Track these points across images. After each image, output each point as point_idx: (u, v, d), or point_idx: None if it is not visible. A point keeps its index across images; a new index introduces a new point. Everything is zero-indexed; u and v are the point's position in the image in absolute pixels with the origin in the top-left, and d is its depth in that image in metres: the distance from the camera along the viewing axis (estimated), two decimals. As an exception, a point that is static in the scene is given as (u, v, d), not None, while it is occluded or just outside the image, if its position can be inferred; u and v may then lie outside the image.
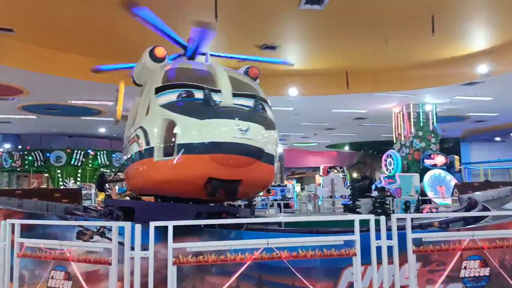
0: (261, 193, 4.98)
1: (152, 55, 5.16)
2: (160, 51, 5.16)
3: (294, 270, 3.87)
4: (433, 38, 9.11)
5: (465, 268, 4.30)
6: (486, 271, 4.36)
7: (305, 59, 11.87)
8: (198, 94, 4.42)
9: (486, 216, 5.22)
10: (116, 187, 20.89)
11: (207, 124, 4.06)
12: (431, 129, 15.45)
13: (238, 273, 3.78)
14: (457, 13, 8.90)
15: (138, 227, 3.64)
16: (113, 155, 20.34)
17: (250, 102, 4.49)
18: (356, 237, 3.82)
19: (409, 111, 15.23)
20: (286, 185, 23.06)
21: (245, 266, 3.76)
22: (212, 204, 4.98)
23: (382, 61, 11.74)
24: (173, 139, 4.21)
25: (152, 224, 3.66)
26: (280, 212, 13.19)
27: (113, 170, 21.63)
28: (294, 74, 12.67)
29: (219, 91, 4.46)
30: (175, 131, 4.21)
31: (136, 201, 5.56)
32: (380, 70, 12.49)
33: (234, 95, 4.47)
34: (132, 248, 3.61)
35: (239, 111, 4.23)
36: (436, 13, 8.61)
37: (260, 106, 4.61)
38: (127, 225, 3.68)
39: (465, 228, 4.41)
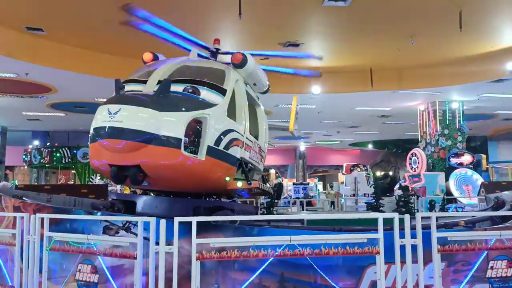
0: (240, 184, 4.85)
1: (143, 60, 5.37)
2: (146, 56, 5.42)
3: (316, 267, 3.87)
4: (460, 34, 8.88)
5: (491, 268, 4.20)
6: (514, 272, 4.25)
7: (329, 57, 11.76)
8: (128, 87, 4.50)
9: None
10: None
11: (96, 112, 4.19)
12: (457, 127, 15.08)
13: (261, 269, 3.80)
14: (485, 8, 8.65)
15: (162, 222, 3.71)
16: (138, 152, 20.66)
17: (177, 88, 4.36)
18: (380, 235, 3.79)
19: (434, 109, 14.91)
20: (308, 183, 22.96)
21: (267, 263, 3.79)
22: (208, 199, 5.25)
23: (407, 58, 11.52)
24: None
25: (177, 220, 3.71)
26: (302, 210, 13.17)
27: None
28: (317, 71, 12.58)
29: (145, 81, 4.48)
30: None
31: (138, 195, 5.57)
32: (405, 67, 12.27)
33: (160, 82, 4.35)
34: (157, 243, 3.67)
35: (123, 97, 4.14)
36: (463, 9, 8.39)
37: (182, 90, 4.39)
38: (152, 220, 3.74)
39: (492, 228, 4.29)
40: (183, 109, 4.17)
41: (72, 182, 21.58)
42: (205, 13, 8.72)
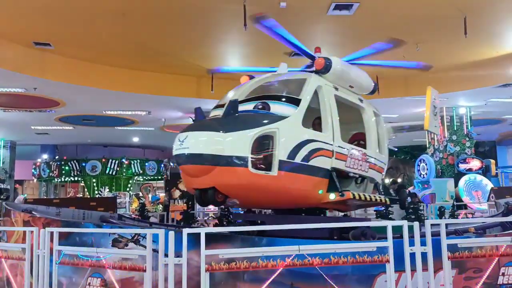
0: (333, 197, 4.53)
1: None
2: (242, 80, 5.33)
3: (326, 277, 3.83)
4: (465, 40, 8.86)
5: (503, 274, 4.14)
6: (525, 278, 4.19)
7: (335, 65, 11.79)
8: (212, 113, 4.70)
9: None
10: (150, 195, 21.31)
11: None
12: (465, 133, 14.95)
13: (270, 280, 3.78)
14: (489, 14, 8.64)
15: (171, 234, 3.69)
16: (147, 164, 20.77)
17: (248, 106, 4.39)
18: (389, 243, 3.75)
19: (442, 115, 14.80)
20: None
21: (277, 273, 3.76)
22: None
23: (413, 65, 11.52)
24: None
25: (185, 231, 3.71)
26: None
27: (146, 178, 22.14)
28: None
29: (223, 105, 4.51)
30: None
31: (266, 215, 5.48)
32: (412, 73, 12.23)
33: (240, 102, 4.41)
34: (166, 255, 3.66)
35: (191, 124, 4.33)
36: (468, 15, 8.38)
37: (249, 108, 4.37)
38: (161, 232, 3.73)
39: (503, 234, 4.23)
40: (248, 127, 4.08)
41: (81, 195, 21.69)
42: (211, 24, 8.80)
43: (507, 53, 10.72)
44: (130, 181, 20.90)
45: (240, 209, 5.83)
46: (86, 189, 20.87)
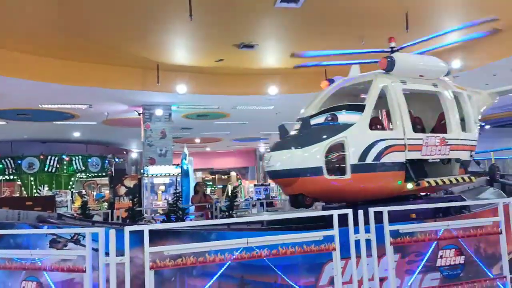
0: (410, 186, 5.00)
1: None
2: (322, 85, 5.88)
3: (275, 268, 3.85)
4: (407, 34, 9.21)
5: (441, 257, 4.37)
6: (461, 259, 4.45)
7: (284, 58, 11.84)
8: (295, 126, 5.29)
9: (463, 207, 5.30)
10: (94, 193, 20.51)
11: None
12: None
13: (218, 274, 3.73)
14: (429, 9, 9.00)
15: (112, 232, 3.56)
16: (89, 160, 19.86)
17: (319, 119, 5.03)
18: (335, 231, 3.83)
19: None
20: (269, 184, 23.10)
21: (225, 267, 3.73)
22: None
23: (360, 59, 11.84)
24: None
25: (127, 229, 3.58)
26: (263, 210, 13.18)
27: (90, 175, 21.25)
28: (273, 72, 12.66)
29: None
30: None
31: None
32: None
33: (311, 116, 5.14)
34: (107, 254, 3.51)
35: (274, 144, 5.11)
36: (409, 10, 8.70)
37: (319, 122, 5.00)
38: (100, 230, 3.59)
39: (441, 219, 4.46)
40: (319, 140, 4.66)
41: (18, 195, 20.40)
42: (155, 14, 8.50)
43: (446, 48, 11.27)
44: (72, 179, 19.88)
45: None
46: (23, 188, 19.64)
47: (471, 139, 5.74)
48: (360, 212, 3.91)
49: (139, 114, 13.94)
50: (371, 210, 3.97)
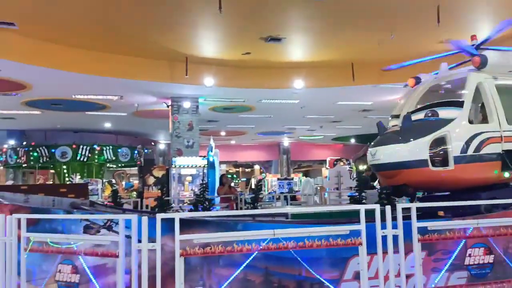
0: (507, 175, 5.39)
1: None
2: (410, 83, 6.28)
3: (300, 260, 3.89)
4: (438, 28, 9.00)
5: (469, 256, 4.32)
6: (490, 259, 4.37)
7: (311, 51, 11.79)
8: (391, 123, 5.93)
9: (493, 205, 5.19)
10: (123, 182, 21.00)
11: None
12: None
13: (245, 264, 3.80)
14: (461, 3, 8.78)
15: (144, 219, 3.66)
16: (119, 150, 20.27)
17: (419, 115, 5.41)
18: (362, 226, 3.83)
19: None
20: (292, 178, 23.06)
21: (252, 257, 3.78)
22: None
23: (388, 52, 11.59)
24: None
25: (159, 216, 3.69)
26: (287, 204, 13.22)
27: (119, 165, 21.75)
28: (299, 66, 12.61)
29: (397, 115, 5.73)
30: None
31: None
32: (386, 61, 12.20)
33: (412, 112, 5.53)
34: (139, 241, 3.62)
35: (377, 140, 5.47)
36: (441, 3, 8.49)
37: (422, 117, 5.39)
38: (133, 217, 3.69)
39: (470, 217, 4.40)
40: (422, 135, 5.05)
41: (51, 182, 21.11)
42: (185, 6, 8.61)
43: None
44: (103, 168, 20.38)
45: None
46: (56, 176, 20.33)
47: None
48: (388, 208, 3.90)
49: (168, 106, 14.17)
50: (399, 207, 3.96)
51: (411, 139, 5.05)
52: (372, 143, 5.46)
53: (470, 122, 5.30)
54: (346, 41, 10.94)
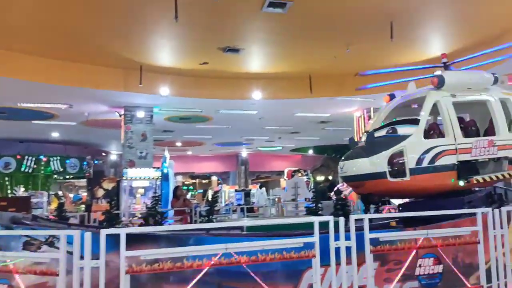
0: (461, 183, 5.78)
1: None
2: (385, 99, 6.67)
3: (253, 275, 3.80)
4: (392, 44, 9.34)
5: (420, 266, 4.40)
6: (439, 268, 4.48)
7: (269, 63, 11.86)
8: (363, 138, 6.28)
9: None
10: (71, 195, 20.04)
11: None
12: (390, 133, 15.81)
13: (195, 280, 3.66)
14: (414, 20, 9.11)
15: (87, 235, 3.47)
16: (68, 161, 19.40)
17: (382, 132, 5.88)
18: (316, 238, 3.80)
19: (370, 115, 15.51)
20: (250, 190, 23.00)
21: (202, 273, 3.65)
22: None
23: (344, 66, 11.92)
24: None
25: (103, 232, 3.49)
26: (244, 216, 13.11)
27: (67, 177, 20.75)
28: (257, 77, 12.65)
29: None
30: None
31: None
32: (343, 74, 12.68)
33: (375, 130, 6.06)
34: (82, 258, 3.43)
35: (346, 155, 5.90)
36: (394, 20, 8.82)
37: (381, 134, 5.88)
38: (76, 233, 3.50)
39: (420, 227, 4.50)
40: (382, 150, 5.51)
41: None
42: (140, 14, 8.39)
43: (428, 58, 11.46)
44: (49, 180, 19.43)
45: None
46: (-2, 188, 19.07)
47: None
48: (342, 219, 3.90)
49: (120, 116, 13.73)
50: (352, 218, 3.97)
51: (373, 154, 5.54)
52: (342, 158, 5.95)
53: (426, 137, 5.77)
54: (304, 53, 11.12)
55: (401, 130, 5.77)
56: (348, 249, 3.91)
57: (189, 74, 12.12)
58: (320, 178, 28.80)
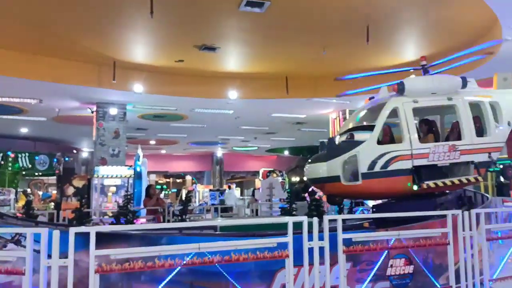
0: (415, 187, 5.82)
1: None
2: (366, 101, 6.77)
3: (226, 275, 3.77)
4: (367, 47, 9.48)
5: (391, 266, 4.48)
6: (410, 269, 4.57)
7: (246, 62, 11.84)
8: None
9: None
10: (40, 193, 19.43)
11: None
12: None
13: (167, 279, 3.60)
14: (389, 25, 9.29)
15: (56, 233, 3.36)
16: (37, 158, 18.87)
17: (343, 138, 6.11)
18: (289, 239, 3.81)
19: (345, 117, 15.74)
20: (225, 190, 22.92)
21: (174, 272, 3.60)
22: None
23: (321, 68, 12.02)
24: None
25: (72, 230, 3.39)
26: (218, 216, 13.04)
27: (37, 173, 20.11)
28: (234, 76, 12.60)
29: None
30: None
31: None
32: (319, 76, 12.78)
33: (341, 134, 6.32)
34: (50, 257, 3.33)
35: (311, 158, 6.18)
36: (370, 24, 8.95)
37: (342, 139, 6.14)
38: (43, 231, 3.39)
39: (393, 228, 4.57)
40: (338, 155, 5.73)
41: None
42: (115, 10, 8.21)
43: (403, 62, 11.68)
44: (17, 177, 18.80)
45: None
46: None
47: (491, 142, 6.32)
48: (315, 220, 3.92)
49: (92, 112, 13.40)
50: (326, 218, 3.99)
51: (330, 158, 5.80)
52: (308, 160, 6.18)
53: (382, 142, 5.95)
54: (281, 54, 11.15)
55: (358, 136, 5.98)
56: (321, 249, 3.93)
57: (164, 72, 11.96)
58: (295, 179, 28.95)
